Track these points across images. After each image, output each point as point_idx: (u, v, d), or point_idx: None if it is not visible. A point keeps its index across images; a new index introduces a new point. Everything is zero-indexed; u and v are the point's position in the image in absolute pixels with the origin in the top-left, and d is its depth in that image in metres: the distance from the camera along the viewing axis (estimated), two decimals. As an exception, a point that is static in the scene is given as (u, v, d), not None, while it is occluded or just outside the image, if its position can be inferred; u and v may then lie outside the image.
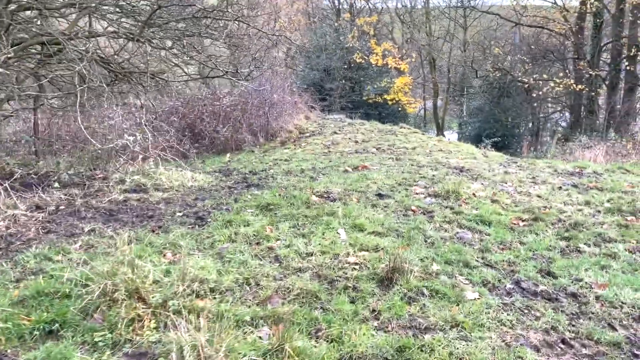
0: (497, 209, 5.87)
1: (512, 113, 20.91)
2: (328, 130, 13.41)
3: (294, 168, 8.34)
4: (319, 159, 9.50)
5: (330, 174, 7.53)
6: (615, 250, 4.82)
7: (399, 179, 7.05)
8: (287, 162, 9.42)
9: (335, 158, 9.41)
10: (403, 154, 9.83)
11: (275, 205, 5.51)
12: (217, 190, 6.58)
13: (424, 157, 9.31)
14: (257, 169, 8.68)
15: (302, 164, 8.82)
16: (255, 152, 12.16)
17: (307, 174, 7.68)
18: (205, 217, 5.24)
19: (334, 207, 5.51)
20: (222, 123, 13.11)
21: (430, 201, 6.07)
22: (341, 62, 22.81)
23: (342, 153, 10.09)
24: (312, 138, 12.50)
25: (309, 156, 9.99)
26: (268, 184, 6.96)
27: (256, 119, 13.36)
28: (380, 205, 5.78)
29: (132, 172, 6.73)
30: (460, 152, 10.49)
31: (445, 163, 8.62)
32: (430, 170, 7.84)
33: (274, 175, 7.64)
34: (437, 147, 11.04)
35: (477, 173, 7.81)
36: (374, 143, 11.11)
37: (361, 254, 4.30)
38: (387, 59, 22.63)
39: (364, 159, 9.04)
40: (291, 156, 10.35)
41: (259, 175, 7.87)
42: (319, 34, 23.75)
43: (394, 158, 9.13)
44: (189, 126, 13.08)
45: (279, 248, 4.34)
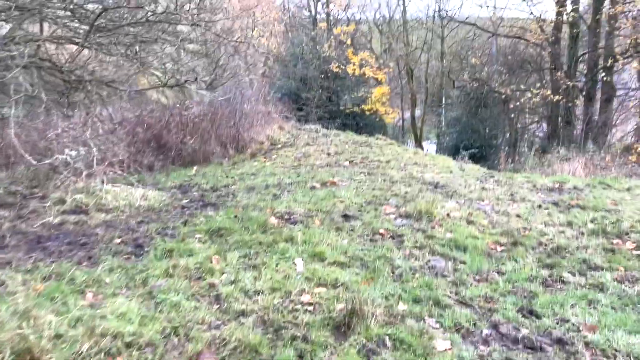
0: (473, 231, 5.33)
1: (490, 124, 20.63)
2: (301, 141, 12.83)
3: (259, 183, 7.72)
4: (287, 173, 8.91)
5: (296, 191, 6.93)
6: (602, 280, 4.31)
7: (369, 197, 6.49)
8: (253, 177, 8.80)
9: (305, 172, 8.82)
10: (376, 167, 9.29)
11: (228, 229, 4.89)
12: (169, 210, 5.93)
13: (398, 172, 8.79)
14: (220, 184, 8.05)
15: (268, 178, 8.22)
16: (224, 164, 11.53)
17: (271, 190, 7.07)
18: (145, 244, 4.59)
19: (294, 232, 4.92)
20: (190, 134, 12.44)
21: (401, 222, 5.52)
22: (318, 71, 22.31)
23: (312, 166, 9.51)
24: (284, 150, 11.91)
25: (277, 170, 9.39)
26: (226, 202, 6.33)
27: (226, 130, 12.72)
28: (346, 229, 5.20)
29: (74, 190, 6.04)
30: (436, 166, 10.00)
31: (420, 178, 8.10)
32: (403, 187, 7.30)
33: (235, 192, 7.01)
34: (412, 160, 10.54)
35: (453, 189, 7.29)
36: (347, 155, 10.55)
37: (318, 290, 3.70)
38: (365, 68, 22.21)
39: (334, 173, 8.47)
40: (259, 169, 9.74)
41: (219, 192, 7.24)
42: (295, 42, 23.25)
43: (366, 172, 8.58)
44: (154, 137, 12.38)
45: (222, 284, 3.71)
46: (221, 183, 8.13)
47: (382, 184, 7.52)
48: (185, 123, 12.70)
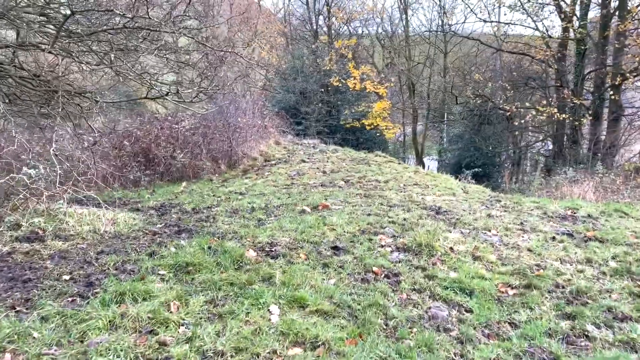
0: (480, 270, 4.64)
1: (493, 141, 19.98)
2: (296, 157, 12.18)
3: (245, 205, 7.05)
4: (278, 193, 8.24)
5: (283, 216, 6.25)
6: (633, 335, 3.62)
7: (363, 224, 5.80)
8: (241, 196, 8.13)
9: (296, 193, 8.15)
10: (374, 188, 8.62)
11: (197, 265, 4.20)
12: (137, 238, 5.25)
13: (397, 194, 8.11)
14: (204, 204, 7.38)
15: (256, 199, 7.54)
16: (214, 181, 10.88)
17: (256, 214, 6.39)
18: (96, 283, 3.90)
19: (273, 268, 4.23)
20: (181, 148, 11.81)
21: (398, 257, 4.82)
22: (318, 85, 21.76)
23: (305, 186, 8.84)
24: (278, 167, 11.25)
25: (268, 189, 8.72)
26: (204, 228, 5.65)
27: (218, 144, 12.09)
28: (335, 265, 4.51)
29: (33, 213, 5.37)
30: (437, 187, 9.32)
31: (420, 202, 7.42)
32: (402, 212, 6.62)
33: (217, 216, 6.33)
34: (412, 180, 9.87)
35: (456, 216, 6.61)
36: (343, 174, 9.89)
37: (293, 352, 3.01)
38: (366, 82, 21.65)
39: (328, 194, 7.80)
40: (249, 188, 9.07)
41: (200, 214, 6.56)
42: (295, 55, 22.74)
43: (362, 194, 7.90)
44: (143, 151, 11.74)
45: (176, 343, 3.02)
46: (205, 203, 7.46)
47: (378, 208, 6.84)
48: (175, 136, 12.09)
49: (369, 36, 29.86)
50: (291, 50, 23.44)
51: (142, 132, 12.00)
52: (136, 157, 11.60)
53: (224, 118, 12.28)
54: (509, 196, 9.05)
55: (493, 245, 5.42)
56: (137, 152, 11.70)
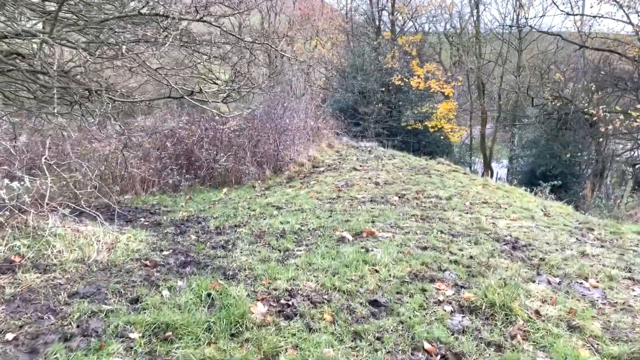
0: (582, 350, 3.19)
1: (573, 148, 17.73)
2: (348, 164, 10.92)
3: (276, 226, 5.89)
4: (319, 209, 7.03)
5: (317, 245, 5.03)
6: None
7: (415, 264, 4.46)
8: (277, 211, 7.01)
9: (340, 210, 6.90)
10: (433, 207, 7.20)
11: (179, 329, 3.06)
12: (130, 272, 4.20)
13: (461, 216, 6.66)
14: (231, 221, 6.31)
15: (291, 218, 6.37)
16: (256, 188, 9.86)
17: (285, 241, 5.21)
18: (41, 350, 2.86)
19: (283, 338, 3.02)
20: (225, 151, 10.89)
21: (461, 323, 3.46)
22: (378, 84, 20.32)
23: (352, 201, 7.57)
24: (326, 175, 10.04)
25: (309, 203, 7.54)
26: (216, 260, 4.53)
27: (264, 147, 11.06)
28: (370, 334, 3.22)
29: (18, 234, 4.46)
30: (511, 206, 7.75)
31: (491, 229, 5.95)
32: (468, 245, 5.20)
33: (238, 241, 5.20)
34: (480, 196, 8.33)
35: (539, 253, 5.11)
36: (397, 187, 8.52)
37: None
38: (430, 81, 19.95)
39: (376, 215, 6.48)
40: (289, 200, 7.93)
41: (221, 237, 5.47)
42: (356, 53, 21.40)
43: (418, 216, 6.52)
44: (185, 153, 10.94)
45: None
46: (233, 220, 6.39)
47: (437, 237, 5.45)
48: (220, 138, 11.19)
49: (436, 33, 27.97)
50: (352, 48, 22.12)
51: (186, 132, 11.21)
52: (177, 160, 10.80)
53: (270, 119, 11.24)
54: (602, 222, 7.33)
55: (594, 305, 3.92)
56: (179, 153, 10.92)
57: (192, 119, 12.26)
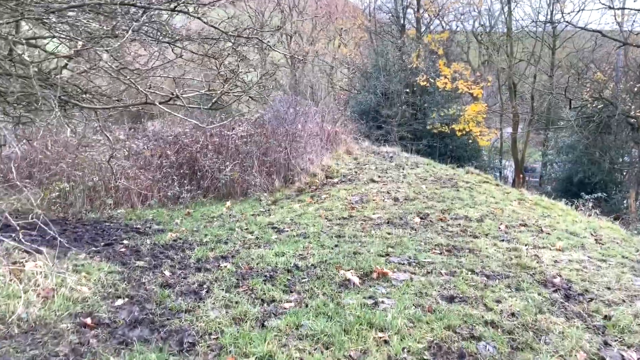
0: None
1: (615, 154, 16.11)
2: (365, 174, 9.74)
3: (269, 259, 4.79)
4: (326, 233, 5.91)
5: (312, 293, 3.90)
6: None
7: (438, 329, 3.29)
8: (276, 235, 5.93)
9: (350, 235, 5.76)
10: (462, 232, 5.98)
11: None
12: (59, 336, 3.15)
13: (496, 245, 5.44)
14: (220, 250, 5.26)
15: (292, 247, 5.27)
16: (262, 201, 8.81)
17: (275, 285, 4.10)
18: None
19: None
20: (231, 159, 9.86)
21: None
22: (402, 84, 19.04)
23: (366, 223, 6.41)
24: (340, 186, 8.90)
25: (316, 224, 6.42)
26: (176, 321, 3.45)
27: (274, 155, 9.99)
28: None
29: None
30: (555, 230, 6.47)
31: (535, 268, 4.71)
32: (507, 294, 4.00)
33: (214, 285, 4.12)
34: (517, 215, 7.06)
35: (602, 306, 3.87)
36: (420, 205, 7.31)
37: None
38: (458, 82, 18.56)
39: (392, 244, 5.31)
40: (294, 220, 6.84)
41: (197, 276, 4.40)
42: (379, 52, 20.15)
43: (443, 246, 5.32)
44: (188, 161, 9.96)
45: None
46: (221, 248, 5.33)
47: (467, 280, 4.26)
48: (225, 145, 10.18)
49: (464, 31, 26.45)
50: (375, 47, 20.88)
51: (189, 139, 10.24)
52: (180, 169, 9.83)
53: (281, 124, 10.17)
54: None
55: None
56: (182, 162, 9.94)
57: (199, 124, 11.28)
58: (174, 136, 10.36)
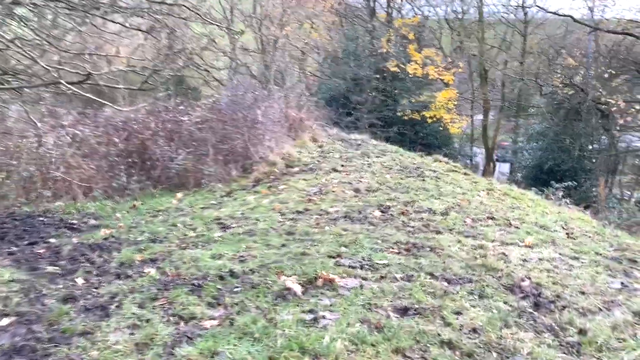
0: None
1: (585, 141, 15.90)
2: (328, 163, 9.14)
3: (204, 262, 4.15)
4: (276, 230, 5.30)
5: (243, 307, 3.28)
6: None
7: (385, 356, 2.71)
8: (220, 233, 5.30)
9: (302, 232, 5.15)
10: (424, 227, 5.45)
11: None
12: None
13: (461, 242, 4.91)
14: (150, 251, 4.60)
15: (233, 247, 4.65)
16: (217, 192, 8.13)
17: (200, 296, 3.47)
18: None
19: None
20: (184, 146, 9.12)
21: None
22: (372, 70, 18.42)
23: (321, 217, 5.81)
24: (299, 177, 8.28)
25: (268, 219, 5.80)
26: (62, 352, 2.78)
27: (230, 143, 9.29)
28: None
29: None
30: (524, 223, 6.00)
31: (502, 270, 4.19)
32: (469, 303, 3.46)
33: (127, 298, 3.46)
34: (485, 207, 6.57)
35: (576, 317, 3.36)
36: (382, 196, 6.75)
37: None
38: (428, 68, 18.05)
39: (347, 242, 4.73)
40: (245, 213, 6.21)
41: (116, 283, 3.74)
42: (349, 36, 19.45)
43: (403, 244, 4.77)
44: (137, 149, 9.17)
45: None
46: (152, 249, 4.67)
47: (425, 286, 3.70)
48: (178, 132, 9.42)
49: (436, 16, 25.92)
50: (344, 31, 20.16)
51: (139, 124, 9.43)
52: (129, 157, 9.04)
53: (239, 110, 9.44)
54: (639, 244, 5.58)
55: None
56: (132, 150, 9.15)
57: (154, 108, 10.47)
58: (123, 122, 9.53)
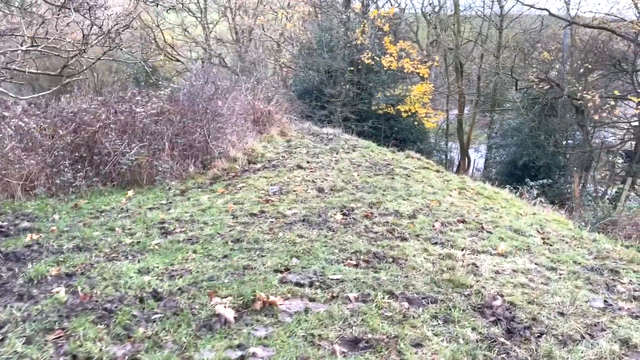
0: None
1: (558, 136, 15.63)
2: (294, 159, 8.53)
3: (126, 278, 3.53)
4: (222, 237, 4.68)
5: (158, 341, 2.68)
6: None
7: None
8: (158, 241, 4.66)
9: (252, 238, 4.56)
10: (388, 234, 4.90)
11: None
12: None
13: (427, 252, 4.38)
14: (70, 263, 3.94)
15: (166, 259, 4.02)
16: (172, 190, 7.48)
17: (115, 320, 2.86)
18: None
19: None
20: (138, 140, 8.39)
21: None
22: (346, 62, 17.82)
23: (277, 221, 5.21)
24: (260, 174, 7.66)
25: (218, 223, 5.17)
26: None
27: (189, 137, 8.60)
28: None
29: None
30: (497, 227, 5.51)
31: (470, 285, 3.67)
32: (432, 331, 2.92)
33: (19, 327, 2.83)
34: (456, 209, 6.06)
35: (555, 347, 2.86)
36: (346, 197, 6.18)
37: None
38: (403, 60, 17.53)
39: (298, 254, 4.15)
40: (195, 215, 5.58)
41: (17, 306, 3.09)
42: (323, 27, 18.78)
43: (361, 255, 4.21)
44: (87, 143, 8.42)
45: None
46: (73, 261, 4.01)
47: (381, 309, 3.15)
48: (133, 124, 8.69)
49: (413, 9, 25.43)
50: (319, 21, 19.47)
51: (89, 116, 8.66)
52: (76, 151, 8.28)
53: (200, 101, 8.74)
54: (619, 251, 5.15)
55: None
56: (80, 143, 8.39)
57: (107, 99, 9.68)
58: (73, 113, 8.75)
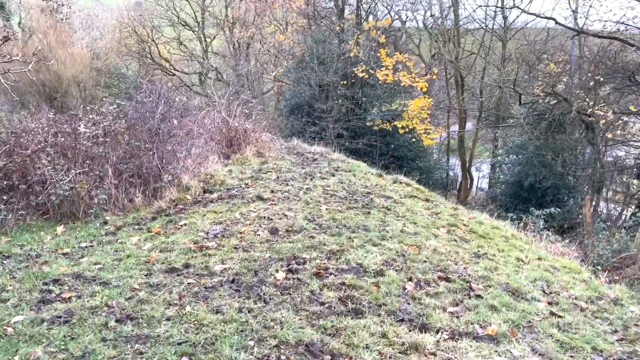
0: None
1: (567, 155, 14.26)
2: (258, 187, 7.26)
3: None
4: (112, 311, 3.42)
5: None
6: None
7: None
8: (20, 316, 3.40)
9: (148, 315, 3.29)
10: (340, 304, 3.59)
11: None
12: None
13: (385, 337, 3.08)
14: None
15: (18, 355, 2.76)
16: (107, 225, 6.25)
17: None
18: None
19: None
20: (76, 166, 7.20)
21: None
22: (339, 75, 16.63)
23: (193, 284, 3.94)
24: (213, 206, 6.40)
25: (122, 283, 3.92)
26: None
27: (136, 161, 7.39)
28: None
29: None
30: (490, 286, 4.19)
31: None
32: None
33: None
34: (438, 258, 4.74)
35: None
36: (302, 243, 4.89)
37: None
38: (400, 73, 16.30)
39: (192, 350, 2.87)
40: (105, 268, 4.34)
41: None
42: (316, 39, 17.65)
43: (289, 349, 2.92)
44: (20, 169, 7.24)
45: None
46: None
47: None
48: (74, 147, 7.50)
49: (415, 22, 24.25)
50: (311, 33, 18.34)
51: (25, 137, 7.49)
52: (6, 179, 7.10)
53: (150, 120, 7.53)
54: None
55: None
56: (11, 169, 7.22)
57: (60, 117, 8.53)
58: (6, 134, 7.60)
